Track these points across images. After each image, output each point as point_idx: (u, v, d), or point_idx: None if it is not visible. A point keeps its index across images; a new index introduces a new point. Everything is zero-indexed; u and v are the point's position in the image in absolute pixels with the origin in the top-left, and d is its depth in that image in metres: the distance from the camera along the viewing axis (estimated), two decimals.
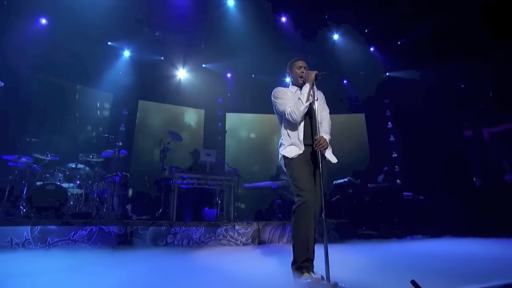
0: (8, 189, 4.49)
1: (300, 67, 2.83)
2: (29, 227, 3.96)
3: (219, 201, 5.63)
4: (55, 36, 6.30)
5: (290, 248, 2.55)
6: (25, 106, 5.69)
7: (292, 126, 2.63)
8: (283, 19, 7.42)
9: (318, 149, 2.46)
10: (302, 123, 2.62)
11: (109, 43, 7.18)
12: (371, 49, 8.63)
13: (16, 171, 4.71)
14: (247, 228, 5.01)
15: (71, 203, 4.80)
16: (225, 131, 9.04)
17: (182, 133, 8.01)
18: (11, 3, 5.52)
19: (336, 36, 8.11)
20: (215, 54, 8.07)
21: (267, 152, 8.85)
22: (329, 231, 5.62)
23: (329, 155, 2.67)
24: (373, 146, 9.32)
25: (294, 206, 2.45)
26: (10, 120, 5.32)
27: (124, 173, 5.63)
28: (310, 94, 2.60)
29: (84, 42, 6.47)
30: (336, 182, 6.72)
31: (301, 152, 2.55)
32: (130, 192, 6.05)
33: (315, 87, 2.66)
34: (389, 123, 9.53)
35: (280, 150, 2.70)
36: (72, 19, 6.22)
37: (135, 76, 7.89)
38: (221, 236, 4.86)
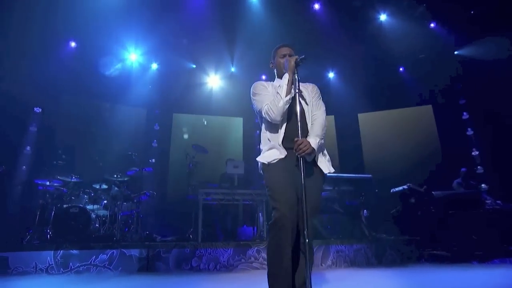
0: (38, 213, 4.85)
1: (284, 55, 2.46)
2: (52, 251, 4.19)
3: (259, 218, 5.42)
4: (83, 57, 6.85)
5: (336, 273, 2.17)
6: (55, 129, 6.24)
7: (273, 127, 2.30)
8: (316, 6, 7.01)
9: (298, 154, 2.08)
10: (284, 124, 2.26)
11: (134, 57, 7.57)
12: (431, 25, 7.64)
13: (47, 195, 5.10)
14: None
15: (97, 225, 5.01)
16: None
17: (220, 144, 8.08)
18: (42, 30, 6.14)
19: (383, 17, 7.38)
20: (246, 56, 7.98)
21: None
22: (385, 251, 4.96)
23: (323, 162, 2.29)
24: (446, 144, 8.17)
25: (269, 223, 2.11)
26: (43, 144, 5.87)
27: (151, 191, 5.74)
28: (292, 86, 2.22)
29: (110, 59, 6.93)
30: (394, 190, 5.98)
31: (283, 156, 2.21)
32: (159, 211, 6.17)
33: (297, 77, 2.24)
34: (464, 113, 8.29)
35: (260, 156, 2.37)
36: (97, 39, 6.70)
37: (166, 88, 8.20)
38: (252, 259, 4.58)
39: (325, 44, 7.69)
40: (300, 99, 2.25)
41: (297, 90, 2.16)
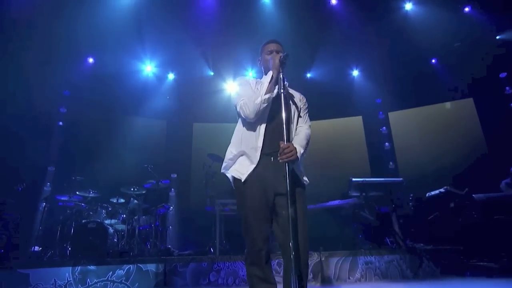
0: (59, 229, 5.06)
1: (271, 51, 2.33)
2: (70, 268, 4.32)
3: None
4: (101, 72, 7.17)
5: (366, 287, 2.01)
6: (75, 144, 6.55)
7: (250, 126, 2.14)
8: (333, 0, 6.84)
9: (282, 160, 1.89)
10: (263, 125, 2.11)
11: (150, 68, 7.80)
12: (466, 9, 7.16)
13: (67, 210, 5.32)
14: None
15: (115, 240, 5.12)
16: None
17: None
18: (61, 48, 6.52)
19: (408, 6, 7.04)
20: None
21: (337, 163, 8.11)
22: (422, 262, 4.63)
23: (301, 174, 2.13)
24: (491, 140, 7.55)
25: (245, 255, 2.02)
26: (63, 159, 6.18)
27: (169, 204, 5.81)
28: (276, 86, 2.08)
29: (127, 72, 7.20)
30: (430, 194, 5.60)
31: (254, 165, 2.05)
32: (178, 224, 6.22)
33: (282, 76, 2.07)
34: None
35: (223, 165, 2.22)
36: (113, 53, 6.99)
37: (185, 98, 8.34)
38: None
39: (346, 40, 7.48)
40: (286, 101, 2.10)
41: (281, 90, 2.00)
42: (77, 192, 5.32)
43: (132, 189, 5.54)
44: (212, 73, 8.48)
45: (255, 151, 2.08)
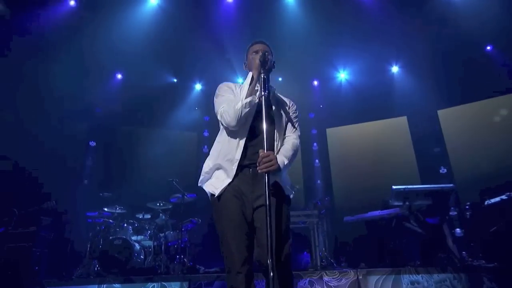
0: (88, 246, 5.27)
1: (257, 50, 2.20)
2: (96, 286, 4.45)
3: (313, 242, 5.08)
4: (129, 87, 7.51)
5: None
6: (103, 160, 6.87)
7: (231, 137, 2.04)
8: None
9: (260, 170, 1.77)
10: (244, 136, 1.98)
11: (174, 80, 8.02)
12: None
13: (97, 227, 5.54)
14: (341, 280, 4.22)
15: (141, 257, 5.21)
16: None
17: None
18: (91, 67, 6.96)
19: None
20: (292, 62, 7.79)
21: (379, 170, 7.64)
22: (482, 283, 4.11)
23: (284, 186, 2.01)
24: None
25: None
26: (93, 176, 6.51)
27: (196, 218, 5.81)
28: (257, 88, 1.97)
29: (154, 86, 7.48)
30: (489, 201, 5.00)
31: (230, 180, 1.93)
32: (206, 239, 6.17)
33: (263, 76, 1.94)
34: None
35: (200, 178, 2.11)
36: (140, 67, 7.30)
37: (213, 108, 8.44)
38: None
39: (381, 35, 7.11)
40: (270, 106, 2.02)
41: (263, 93, 1.87)
42: (105, 209, 5.52)
43: (158, 204, 5.63)
44: (241, 81, 8.50)
45: (231, 164, 1.97)
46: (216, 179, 2.03)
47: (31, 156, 5.76)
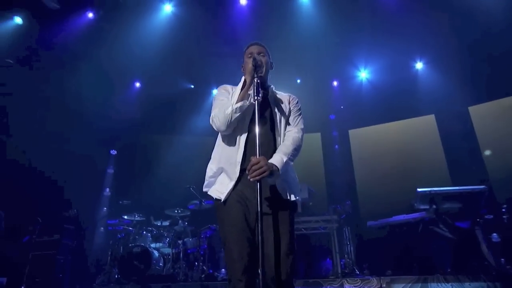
0: (109, 253, 5.42)
1: (252, 53, 2.19)
2: None
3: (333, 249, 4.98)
4: (148, 95, 7.71)
5: None
6: (123, 169, 7.07)
7: (230, 139, 2.04)
8: None
9: (252, 179, 1.76)
10: (243, 137, 1.97)
11: (192, 86, 8.14)
12: None
13: (118, 235, 5.69)
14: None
15: (160, 264, 5.28)
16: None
17: (301, 166, 7.81)
18: (111, 76, 7.21)
19: None
20: (309, 63, 7.72)
21: (406, 172, 7.37)
22: None
23: (287, 189, 2.00)
24: None
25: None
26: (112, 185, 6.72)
27: (215, 225, 5.83)
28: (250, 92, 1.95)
29: (172, 92, 7.64)
30: None
31: (234, 182, 1.91)
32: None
33: (256, 81, 1.91)
34: None
35: (205, 183, 2.10)
36: (158, 75, 7.48)
37: None
38: None
39: (403, 30, 6.89)
40: (264, 109, 2.03)
41: (256, 98, 1.85)
42: (125, 216, 5.66)
43: (176, 211, 5.71)
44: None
45: (234, 167, 1.96)
46: (220, 184, 2.02)
47: (53, 165, 6.01)
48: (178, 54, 7.20)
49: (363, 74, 8.00)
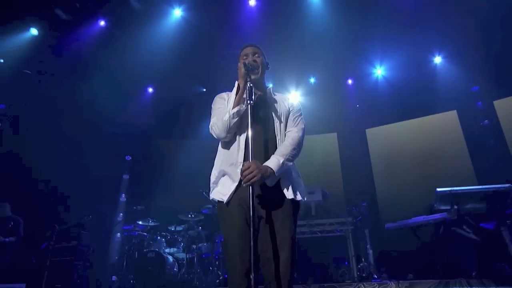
0: (125, 259, 5.53)
1: (247, 54, 2.21)
2: None
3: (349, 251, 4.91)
4: (161, 100, 7.85)
5: None
6: (137, 174, 7.22)
7: (230, 142, 2.07)
8: None
9: (245, 184, 1.79)
10: (243, 138, 1.98)
11: (204, 89, 8.22)
12: None
13: (133, 240, 5.79)
14: None
15: (175, 269, 5.34)
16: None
17: (316, 167, 7.77)
18: (125, 80, 7.39)
19: None
20: (322, 62, 7.65)
21: (427, 171, 7.18)
22: None
23: (286, 187, 1.97)
24: None
25: None
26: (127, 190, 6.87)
27: None
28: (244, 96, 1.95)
29: (185, 96, 7.74)
30: None
31: (236, 183, 1.93)
32: None
33: (249, 85, 1.92)
34: None
35: (211, 190, 2.11)
36: (171, 80, 7.61)
37: None
38: None
39: (420, 23, 6.73)
40: (259, 112, 2.05)
41: (249, 102, 1.87)
42: (139, 222, 5.77)
43: (190, 216, 5.76)
44: (271, 85, 8.52)
45: (236, 168, 1.97)
46: (222, 186, 2.04)
47: (69, 172, 6.20)
48: (189, 58, 7.29)
49: (379, 71, 7.85)
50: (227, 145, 2.08)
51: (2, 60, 6.68)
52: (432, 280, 4.05)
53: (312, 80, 8.20)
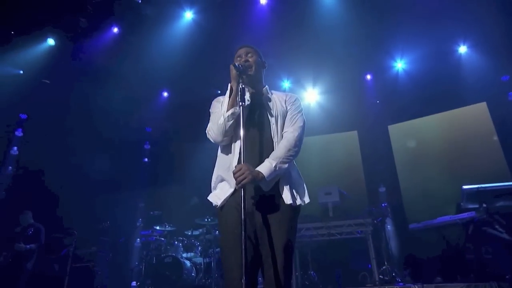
0: (143, 264, 5.63)
1: (240, 56, 2.22)
2: None
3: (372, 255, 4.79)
4: (176, 103, 7.97)
5: None
6: (154, 179, 7.35)
7: (226, 147, 2.10)
8: None
9: (237, 187, 1.82)
10: (238, 142, 1.97)
11: (218, 91, 8.25)
12: None
13: (151, 245, 5.89)
14: None
15: (193, 274, 5.38)
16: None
17: (337, 167, 7.64)
18: (140, 85, 7.55)
19: None
20: (339, 58, 7.51)
21: (455, 167, 6.90)
22: None
23: (286, 192, 1.94)
24: None
25: None
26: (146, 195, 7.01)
27: None
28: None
29: (200, 99, 7.81)
30: None
31: (232, 190, 1.93)
32: None
33: (241, 86, 1.95)
34: None
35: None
36: (185, 84, 7.72)
37: None
38: None
39: (443, 11, 6.49)
40: (261, 111, 2.09)
41: (240, 103, 1.88)
42: (157, 227, 5.86)
43: (206, 220, 5.78)
44: (287, 85, 8.48)
45: (231, 172, 1.94)
46: (220, 190, 2.07)
47: (87, 178, 6.39)
48: (202, 60, 7.34)
49: (399, 65, 7.63)
50: (224, 150, 2.11)
51: (21, 72, 7.00)
52: (460, 283, 3.88)
53: (328, 77, 8.07)
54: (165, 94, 8.18)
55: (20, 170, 6.44)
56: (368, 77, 8.04)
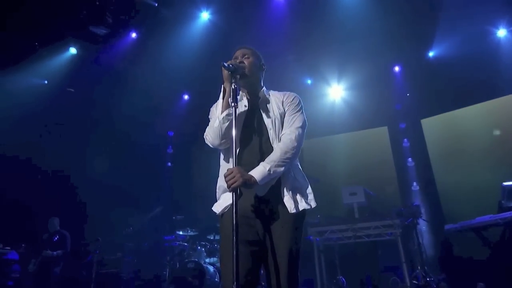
0: (167, 270, 5.72)
1: (236, 57, 2.21)
2: None
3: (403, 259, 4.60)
4: (197, 106, 8.05)
5: None
6: (177, 183, 7.44)
7: (225, 153, 2.11)
8: None
9: (229, 190, 1.82)
10: (237, 148, 1.91)
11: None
12: None
13: (175, 251, 5.97)
14: None
15: (216, 280, 5.37)
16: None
17: (366, 165, 7.42)
18: (160, 89, 7.70)
19: None
20: (364, 51, 7.28)
21: (492, 165, 6.49)
22: None
23: (287, 198, 1.90)
24: None
25: None
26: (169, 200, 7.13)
27: None
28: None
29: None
30: None
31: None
32: None
33: (234, 87, 1.92)
34: None
35: None
36: (204, 82, 7.78)
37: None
38: None
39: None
40: (260, 114, 2.07)
41: (232, 104, 1.86)
42: (180, 232, 5.93)
43: None
44: (309, 81, 8.36)
45: None
46: (223, 199, 2.05)
47: (110, 184, 6.57)
48: (220, 61, 7.36)
49: (430, 53, 7.27)
50: (225, 158, 2.10)
51: (46, 81, 7.33)
52: None
53: (353, 73, 7.84)
54: (186, 97, 8.29)
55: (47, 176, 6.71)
56: (397, 69, 7.74)
